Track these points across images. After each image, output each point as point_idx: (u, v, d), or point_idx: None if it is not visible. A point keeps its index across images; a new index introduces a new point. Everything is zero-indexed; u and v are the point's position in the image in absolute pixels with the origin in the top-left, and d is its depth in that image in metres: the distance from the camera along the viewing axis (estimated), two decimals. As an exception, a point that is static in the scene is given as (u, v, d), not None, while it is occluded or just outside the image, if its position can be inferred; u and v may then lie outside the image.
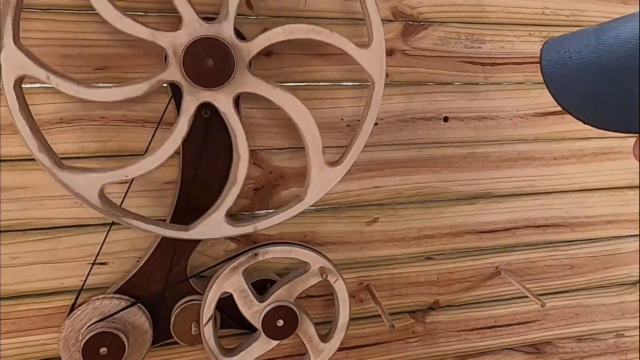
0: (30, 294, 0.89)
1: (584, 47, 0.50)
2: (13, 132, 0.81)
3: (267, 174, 0.95)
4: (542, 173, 1.09)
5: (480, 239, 1.09)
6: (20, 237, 0.86)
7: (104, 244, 0.89)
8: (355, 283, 1.05)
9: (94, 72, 0.83)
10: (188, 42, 0.75)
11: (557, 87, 0.51)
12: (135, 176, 0.79)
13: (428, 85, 0.99)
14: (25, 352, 0.90)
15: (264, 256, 0.92)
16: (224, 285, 0.90)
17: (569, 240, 1.16)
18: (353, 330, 1.07)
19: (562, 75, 0.51)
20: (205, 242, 0.93)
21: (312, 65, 0.93)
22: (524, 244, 1.13)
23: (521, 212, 1.11)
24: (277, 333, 0.93)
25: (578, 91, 0.50)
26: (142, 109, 0.86)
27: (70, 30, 0.81)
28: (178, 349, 0.98)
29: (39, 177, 0.84)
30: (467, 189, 1.06)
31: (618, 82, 0.46)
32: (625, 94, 0.46)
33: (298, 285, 0.94)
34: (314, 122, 0.84)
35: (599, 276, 1.20)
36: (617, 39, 0.48)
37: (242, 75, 0.80)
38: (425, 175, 1.03)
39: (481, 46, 1.00)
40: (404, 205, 1.04)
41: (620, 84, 0.46)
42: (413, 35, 0.96)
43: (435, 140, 1.02)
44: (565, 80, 0.51)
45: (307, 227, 0.99)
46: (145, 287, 0.91)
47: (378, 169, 1.00)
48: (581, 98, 0.49)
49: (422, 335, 1.12)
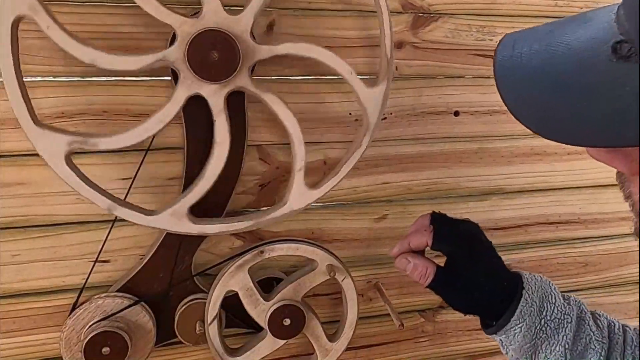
0: (31, 293, 0.87)
1: (535, 53, 0.50)
2: (14, 127, 0.80)
3: (274, 169, 0.93)
4: (555, 169, 1.08)
5: (491, 236, 1.03)
6: (20, 234, 0.85)
7: (107, 241, 0.87)
8: (364, 281, 1.03)
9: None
10: (200, 30, 0.74)
11: (509, 94, 0.50)
12: (101, 149, 0.76)
13: (438, 78, 0.98)
14: (26, 351, 0.89)
15: (270, 254, 0.91)
16: (229, 283, 0.89)
17: (583, 237, 1.14)
18: (361, 329, 1.05)
19: (513, 83, 0.51)
20: (210, 240, 0.92)
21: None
22: (536, 241, 1.11)
23: (533, 209, 1.09)
24: (283, 332, 0.92)
25: (528, 100, 0.49)
26: (145, 103, 0.85)
27: (72, 22, 0.79)
28: (182, 348, 0.97)
29: (40, 172, 0.83)
30: (478, 184, 1.05)
31: (565, 95, 0.46)
32: (572, 107, 0.45)
33: (305, 283, 0.93)
34: (302, 139, 0.83)
35: (614, 274, 1.18)
36: (567, 48, 0.48)
37: (242, 76, 0.78)
38: (435, 170, 1.01)
39: (492, 38, 0.98)
40: (413, 202, 1.02)
41: (568, 97, 0.46)
42: (423, 28, 0.95)
43: (445, 135, 1.00)
44: (515, 88, 0.50)
45: (314, 224, 0.98)
46: (148, 285, 0.89)
47: (387, 165, 0.99)
48: (530, 107, 0.49)
49: (432, 334, 1.11)
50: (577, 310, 0.80)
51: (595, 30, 0.47)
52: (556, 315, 0.78)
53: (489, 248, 0.82)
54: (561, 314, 0.78)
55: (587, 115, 0.44)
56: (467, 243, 0.81)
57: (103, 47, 0.73)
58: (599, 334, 0.79)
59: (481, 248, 0.82)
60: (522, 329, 0.76)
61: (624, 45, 0.43)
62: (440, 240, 0.81)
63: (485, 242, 0.83)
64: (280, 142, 0.92)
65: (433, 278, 0.80)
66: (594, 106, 0.44)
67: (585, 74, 0.45)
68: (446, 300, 0.82)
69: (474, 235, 0.83)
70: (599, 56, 0.45)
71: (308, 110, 0.92)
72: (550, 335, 0.77)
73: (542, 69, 0.49)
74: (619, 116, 0.42)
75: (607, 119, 0.43)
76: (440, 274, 0.80)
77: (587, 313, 0.82)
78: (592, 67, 0.45)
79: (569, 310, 0.79)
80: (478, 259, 0.80)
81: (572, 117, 0.45)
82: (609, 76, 0.43)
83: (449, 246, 0.81)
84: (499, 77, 0.52)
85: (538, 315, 0.77)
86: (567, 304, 0.80)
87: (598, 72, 0.44)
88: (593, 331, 0.79)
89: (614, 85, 0.43)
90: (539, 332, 0.77)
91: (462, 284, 0.79)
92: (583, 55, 0.46)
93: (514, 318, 0.76)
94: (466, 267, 0.80)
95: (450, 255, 0.81)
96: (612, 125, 0.43)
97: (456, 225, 0.84)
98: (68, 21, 0.78)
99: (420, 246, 0.83)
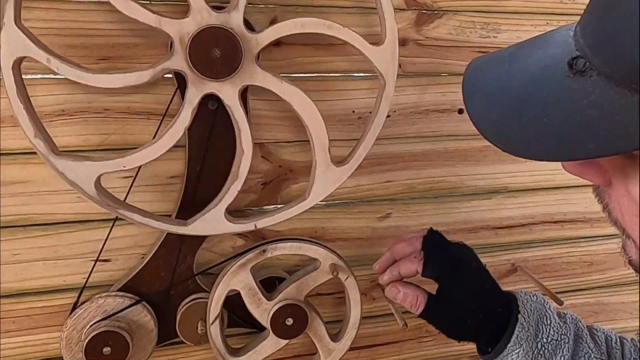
0: (31, 292, 0.87)
1: (496, 78, 0.52)
2: (13, 125, 0.79)
3: (276, 167, 0.93)
4: (560, 167, 1.05)
5: (496, 235, 1.07)
6: (21, 233, 0.84)
7: (108, 240, 0.87)
8: (367, 280, 1.02)
9: (97, 62, 0.81)
10: (195, 31, 0.73)
11: (475, 114, 0.52)
12: (133, 167, 0.76)
13: (442, 76, 0.97)
14: (26, 351, 0.89)
15: (272, 253, 0.90)
16: (231, 282, 0.89)
17: (588, 236, 1.13)
18: (365, 329, 1.05)
19: (478, 104, 0.52)
20: (211, 239, 0.91)
21: (322, 56, 0.90)
22: (541, 240, 1.10)
23: (539, 207, 1.08)
24: (286, 332, 0.92)
25: (493, 120, 0.50)
26: (147, 101, 0.84)
27: (73, 19, 0.79)
28: (184, 348, 0.96)
29: (41, 171, 0.82)
30: (483, 183, 1.04)
31: (526, 114, 0.47)
32: (534, 125, 0.46)
33: (308, 282, 0.92)
34: (322, 119, 0.82)
35: (619, 273, 1.17)
36: (524, 71, 0.49)
37: (250, 67, 0.77)
38: (439, 169, 1.01)
39: (497, 36, 0.97)
40: (417, 200, 1.01)
41: (528, 116, 0.46)
42: (427, 25, 0.94)
43: (449, 132, 0.99)
44: (481, 109, 0.52)
45: (317, 222, 0.97)
46: (150, 284, 0.89)
47: (390, 163, 0.98)
48: (495, 126, 0.49)
49: (436, 334, 1.10)
50: (574, 329, 0.80)
51: (553, 49, 0.48)
52: (553, 336, 0.77)
53: (481, 272, 0.82)
54: (558, 334, 0.78)
55: (547, 130, 0.45)
56: (457, 269, 0.81)
57: (101, 55, 0.75)
58: (597, 351, 0.79)
59: (472, 273, 0.81)
60: (520, 354, 0.75)
61: (579, 61, 0.44)
62: (430, 267, 0.81)
63: (476, 266, 0.82)
64: (283, 140, 0.92)
65: (424, 307, 0.80)
66: (553, 121, 0.44)
67: (543, 90, 0.46)
68: (438, 329, 0.81)
69: (465, 260, 0.82)
70: (555, 73, 0.46)
71: (311, 108, 0.91)
72: (548, 358, 0.76)
73: (503, 89, 0.50)
74: (579, 129, 0.43)
75: (569, 132, 0.43)
76: (432, 302, 0.80)
77: (584, 330, 0.81)
78: (549, 84, 0.46)
79: (566, 330, 0.78)
80: (469, 285, 0.80)
81: (534, 134, 0.46)
82: (566, 91, 0.44)
83: (439, 273, 0.81)
84: (466, 101, 0.53)
85: (534, 339, 0.76)
86: (564, 323, 0.79)
87: (555, 89, 0.45)
88: (591, 348, 0.78)
89: (571, 99, 0.44)
90: (536, 355, 0.76)
91: (454, 312, 0.79)
92: (541, 73, 0.47)
93: (511, 344, 0.75)
94: (457, 294, 0.79)
95: (441, 282, 0.81)
96: (572, 138, 0.43)
97: (447, 250, 0.83)
98: (63, 26, 0.79)
99: (410, 274, 0.83)
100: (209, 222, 0.82)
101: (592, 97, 0.42)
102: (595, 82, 0.42)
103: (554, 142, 0.44)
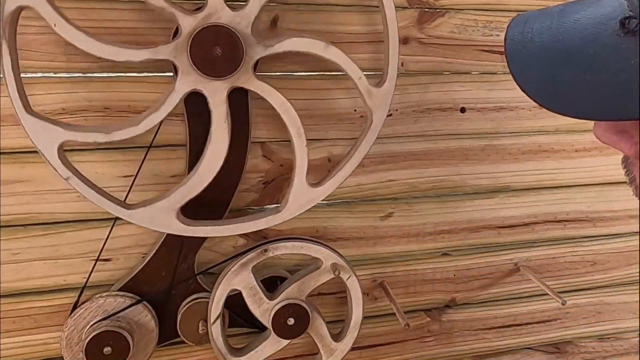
0: (32, 292, 0.87)
1: (545, 29, 0.51)
2: (13, 124, 0.79)
3: (277, 167, 0.92)
4: (563, 166, 1.06)
5: (498, 235, 1.06)
6: (21, 233, 0.84)
7: (108, 240, 0.87)
8: (369, 280, 1.02)
9: (97, 61, 0.78)
10: (203, 25, 0.73)
11: (517, 67, 0.52)
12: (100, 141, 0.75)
13: (444, 74, 0.96)
14: (26, 351, 0.88)
15: (274, 252, 0.90)
16: (232, 282, 0.88)
17: (591, 235, 1.13)
18: (366, 329, 1.04)
19: (522, 56, 0.52)
20: (213, 238, 0.91)
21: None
22: (544, 240, 1.10)
23: (541, 207, 1.08)
24: (287, 332, 0.91)
25: (535, 73, 0.50)
26: (147, 100, 0.84)
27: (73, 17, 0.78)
28: (185, 348, 0.96)
29: (41, 170, 0.82)
30: (485, 182, 1.03)
31: (572, 67, 0.47)
32: (578, 79, 0.46)
33: (309, 282, 0.92)
34: (305, 141, 0.82)
35: (622, 273, 1.17)
36: (575, 24, 0.49)
37: (245, 73, 0.77)
38: (442, 168, 1.00)
39: (500, 34, 0.97)
40: (419, 200, 1.01)
41: (574, 69, 0.47)
42: (429, 23, 0.93)
43: (451, 131, 0.99)
44: (524, 61, 0.52)
45: (318, 222, 0.97)
46: (150, 284, 0.89)
47: (392, 162, 0.97)
48: (537, 80, 0.50)
49: (438, 334, 1.10)
50: None
51: (605, 8, 0.48)
52: None
53: None
54: None
55: (592, 87, 0.45)
56: None
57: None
58: None
59: None
60: None
61: (632, 21, 0.44)
62: None
63: None
64: (284, 139, 0.91)
65: None
66: (599, 78, 0.45)
67: (591, 46, 0.46)
68: None
69: None
70: (606, 30, 0.45)
71: (312, 106, 0.91)
72: None
73: (551, 42, 0.50)
74: (622, 89, 0.43)
75: (611, 91, 0.44)
76: None
77: None
78: (598, 40, 0.46)
79: None
80: None
81: (577, 89, 0.46)
82: (615, 49, 0.44)
83: None
84: (508, 50, 0.53)
85: None
86: None
87: (604, 45, 0.45)
88: None
89: (619, 58, 0.44)
90: None
91: None
92: (591, 30, 0.47)
93: None
94: None
95: None
96: (616, 97, 0.44)
97: None
98: (71, 16, 0.77)
99: None
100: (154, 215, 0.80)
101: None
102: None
103: (595, 99, 0.45)
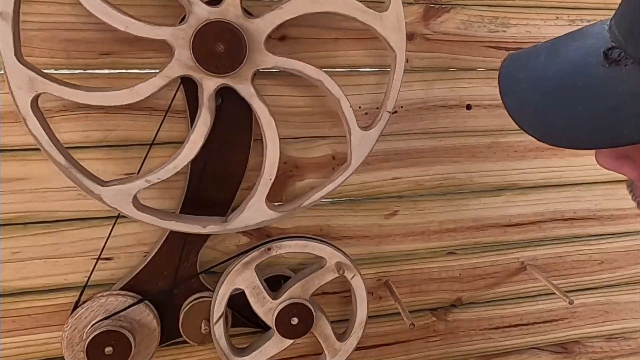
0: (32, 291, 0.86)
1: (536, 66, 0.54)
2: (14, 121, 0.78)
3: (281, 164, 0.91)
4: (570, 163, 1.06)
5: (505, 233, 1.06)
6: (21, 231, 0.83)
7: (110, 238, 0.86)
8: (374, 279, 1.02)
9: (99, 57, 0.80)
10: (196, 28, 0.72)
11: (511, 103, 0.54)
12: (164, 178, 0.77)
13: (450, 71, 0.96)
14: (27, 351, 0.88)
15: (277, 251, 0.89)
16: (235, 281, 0.88)
17: (599, 234, 1.12)
18: (371, 328, 1.04)
19: (515, 93, 0.54)
20: (215, 236, 0.90)
21: (328, 50, 0.89)
22: (551, 238, 1.09)
23: (548, 205, 1.07)
24: (291, 332, 0.91)
25: (529, 109, 0.52)
26: (149, 97, 0.83)
27: (74, 13, 0.78)
28: (187, 348, 0.96)
29: (41, 167, 0.81)
30: (491, 180, 1.03)
31: (563, 101, 0.49)
32: (570, 113, 0.48)
33: (313, 281, 0.91)
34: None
35: (630, 272, 1.16)
36: (563, 58, 0.51)
37: (258, 56, 0.76)
38: (447, 165, 0.99)
39: (506, 30, 0.96)
40: (424, 198, 1.00)
41: (565, 103, 0.49)
42: (434, 19, 0.93)
43: (457, 129, 0.98)
44: (517, 98, 0.54)
45: (323, 220, 0.96)
46: (152, 283, 0.88)
47: (397, 160, 0.97)
48: (532, 114, 0.52)
49: (443, 334, 1.09)
50: None
51: (590, 40, 0.50)
52: None
53: None
54: None
55: (585, 118, 0.47)
56: None
57: (103, 50, 0.76)
58: None
59: None
60: None
61: (614, 51, 0.46)
62: None
63: None
64: (288, 137, 0.91)
65: None
66: (590, 108, 0.47)
67: (579, 78, 0.48)
68: None
69: None
70: (592, 62, 0.48)
71: (316, 103, 0.90)
72: None
73: (540, 79, 0.52)
74: (615, 116, 0.45)
75: (604, 119, 0.45)
76: None
77: None
78: (585, 72, 0.48)
79: None
80: None
81: (572, 122, 0.48)
82: (601, 79, 0.46)
83: None
84: (502, 92, 0.55)
85: None
86: None
87: (590, 76, 0.47)
88: None
89: (606, 87, 0.46)
90: None
91: None
92: (577, 63, 0.49)
93: None
94: None
95: None
96: (610, 125, 0.45)
97: None
98: (64, 20, 0.78)
99: None
100: (252, 212, 0.83)
101: (626, 84, 0.44)
102: (630, 71, 0.44)
103: (589, 129, 0.46)
